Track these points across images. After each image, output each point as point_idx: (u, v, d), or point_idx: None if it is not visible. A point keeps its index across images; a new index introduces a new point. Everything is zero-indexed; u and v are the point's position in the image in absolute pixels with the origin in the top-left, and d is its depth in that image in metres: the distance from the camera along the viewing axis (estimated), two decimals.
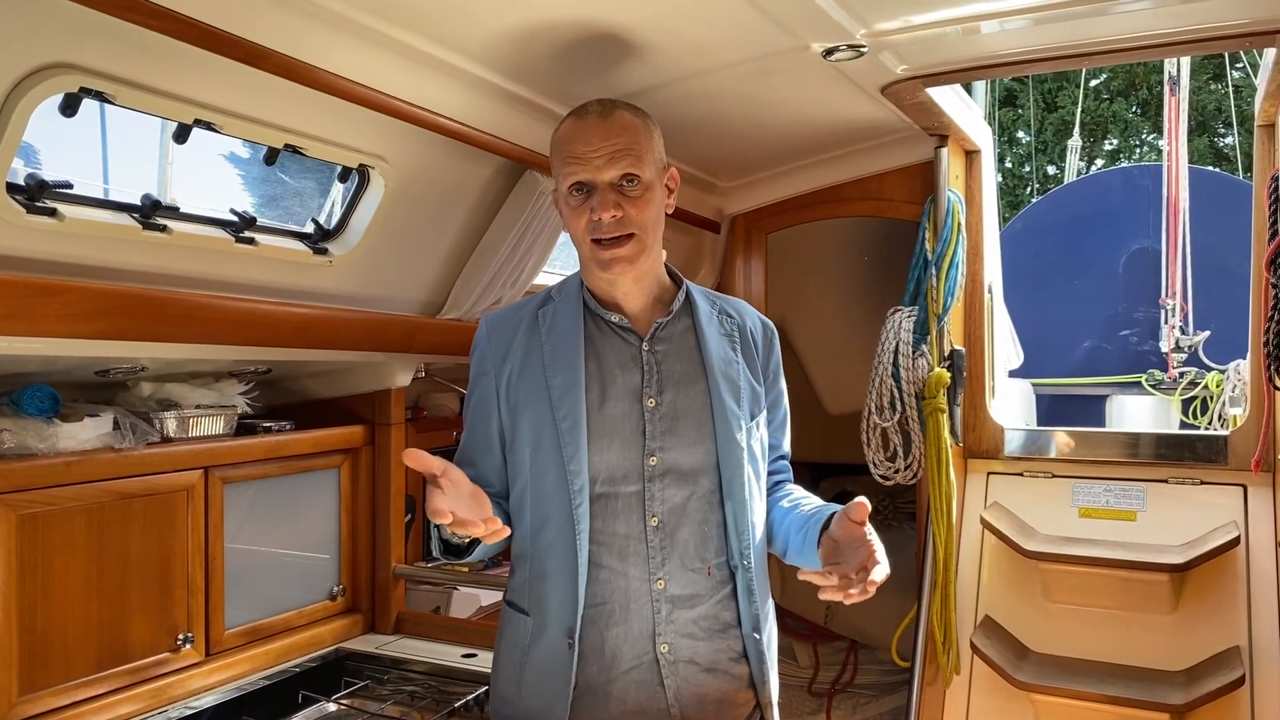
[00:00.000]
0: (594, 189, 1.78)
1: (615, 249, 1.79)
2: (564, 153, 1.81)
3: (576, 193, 1.80)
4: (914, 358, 3.27)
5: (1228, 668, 2.90)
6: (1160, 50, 2.48)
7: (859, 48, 2.36)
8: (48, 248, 1.77)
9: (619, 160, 1.77)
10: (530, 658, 1.82)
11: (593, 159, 1.77)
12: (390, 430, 2.84)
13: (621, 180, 1.78)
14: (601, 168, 1.77)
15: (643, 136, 1.82)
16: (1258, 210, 3.10)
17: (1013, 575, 3.35)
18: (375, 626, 2.85)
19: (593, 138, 1.78)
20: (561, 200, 1.85)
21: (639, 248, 1.81)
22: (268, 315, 2.22)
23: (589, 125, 1.80)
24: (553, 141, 1.87)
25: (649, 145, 1.83)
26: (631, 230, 1.79)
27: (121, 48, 1.65)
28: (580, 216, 1.80)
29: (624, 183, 1.78)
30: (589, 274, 1.90)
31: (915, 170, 3.47)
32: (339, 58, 1.94)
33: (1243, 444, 3.23)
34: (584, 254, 1.86)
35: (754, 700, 1.88)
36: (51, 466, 2.01)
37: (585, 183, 1.79)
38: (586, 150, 1.78)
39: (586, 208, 1.79)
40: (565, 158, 1.81)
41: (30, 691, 1.98)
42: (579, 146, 1.79)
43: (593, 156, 1.77)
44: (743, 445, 1.84)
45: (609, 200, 1.77)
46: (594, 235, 1.79)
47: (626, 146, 1.78)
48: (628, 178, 1.78)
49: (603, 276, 1.85)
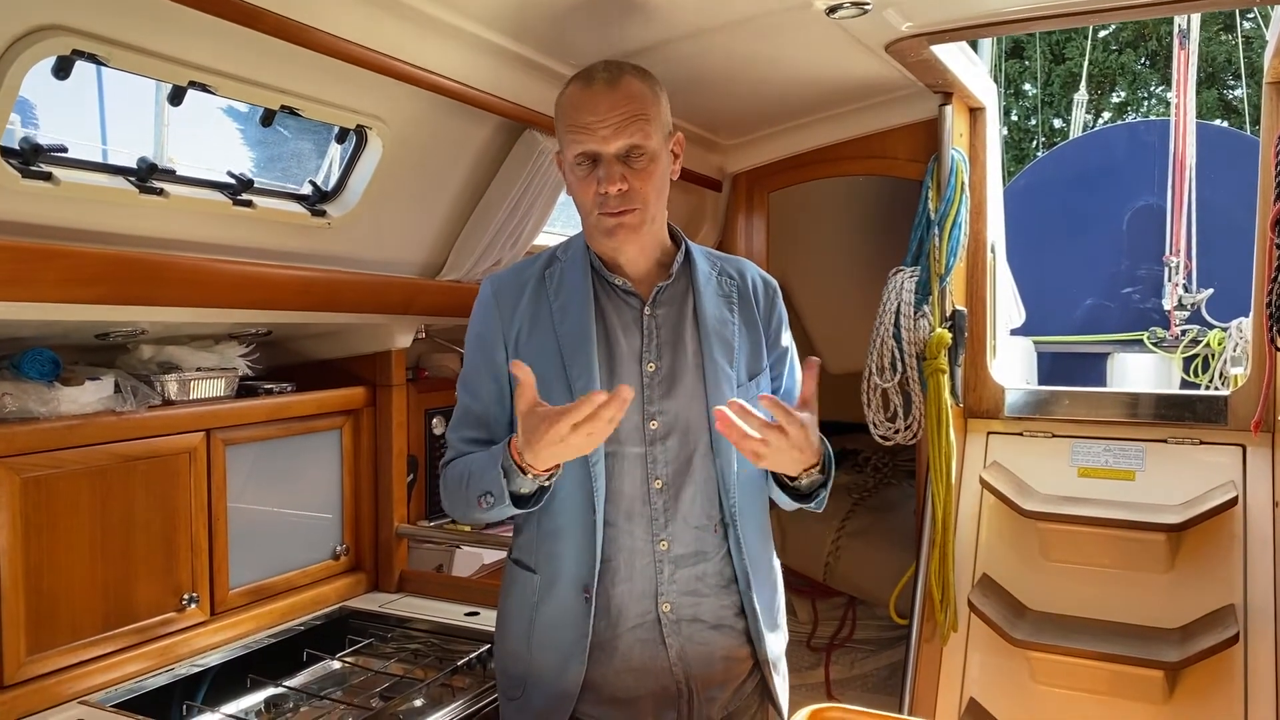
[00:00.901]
0: (600, 159, 1.77)
1: (620, 217, 1.78)
2: (570, 120, 1.79)
3: (581, 163, 1.79)
4: (915, 318, 3.26)
5: (1222, 626, 2.93)
6: (1170, 7, 2.44)
7: (863, 5, 2.32)
8: (44, 211, 1.75)
9: (625, 130, 1.75)
10: (540, 614, 1.85)
11: (599, 129, 1.75)
12: (391, 391, 2.85)
13: (628, 151, 1.77)
14: (608, 138, 1.75)
15: (650, 104, 1.79)
16: (1264, 169, 3.07)
17: (1011, 534, 3.37)
18: (378, 585, 2.88)
19: (599, 106, 1.76)
20: (567, 166, 1.84)
21: (643, 217, 1.81)
22: (266, 278, 2.21)
23: (596, 93, 1.77)
24: (558, 105, 1.84)
25: (656, 113, 1.80)
26: (636, 204, 1.78)
27: (114, 8, 1.62)
28: (587, 187, 1.79)
29: (630, 154, 1.77)
30: (593, 240, 1.89)
31: (919, 128, 3.43)
32: (335, 17, 1.90)
33: (1243, 405, 3.23)
34: (589, 224, 1.85)
35: (752, 656, 1.91)
36: (54, 430, 2.01)
37: (591, 153, 1.77)
38: (593, 120, 1.75)
39: (593, 179, 1.77)
40: (571, 125, 1.78)
41: (38, 651, 2.01)
42: (585, 115, 1.76)
43: (599, 126, 1.75)
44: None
45: (614, 173, 1.75)
46: (600, 208, 1.78)
47: (633, 115, 1.76)
48: (634, 149, 1.77)
49: (606, 243, 1.84)
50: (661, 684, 1.81)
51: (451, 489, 1.88)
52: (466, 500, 1.80)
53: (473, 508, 1.79)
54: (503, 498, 1.70)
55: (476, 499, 1.76)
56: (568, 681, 1.80)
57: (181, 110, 1.97)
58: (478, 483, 1.76)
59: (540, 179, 2.74)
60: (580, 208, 1.85)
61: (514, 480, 1.69)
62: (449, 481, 1.89)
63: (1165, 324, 6.22)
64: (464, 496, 1.81)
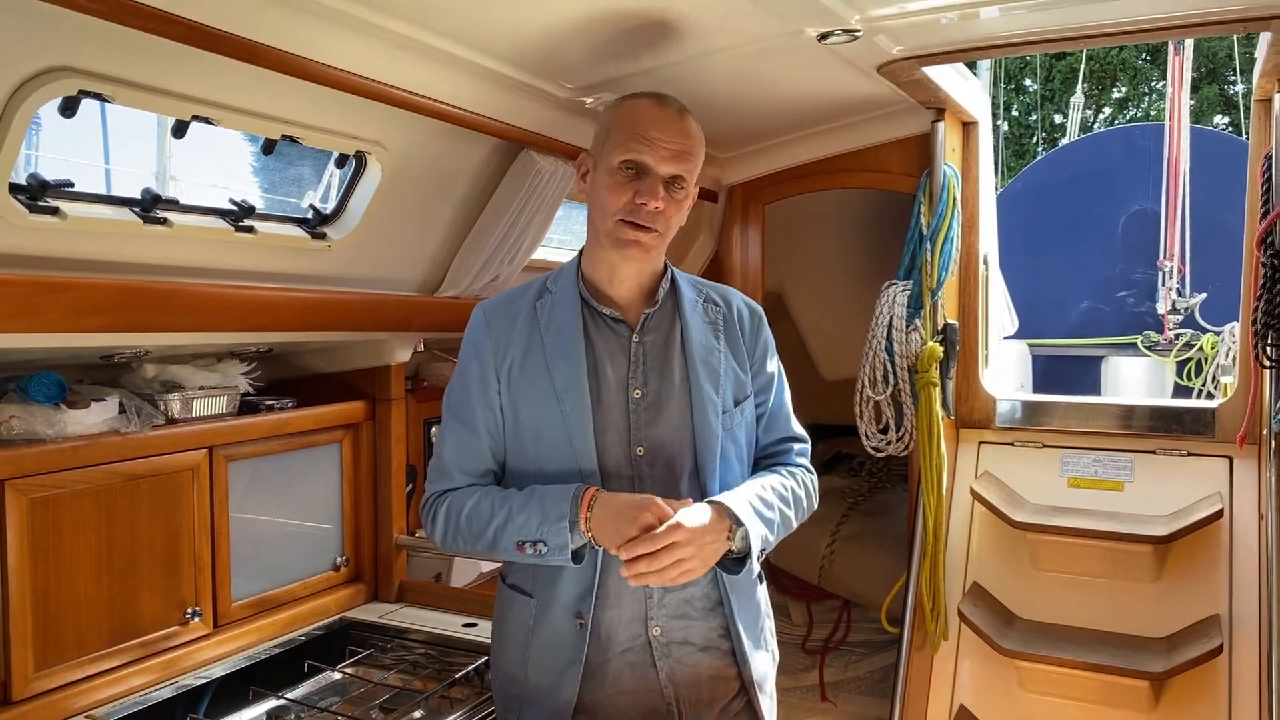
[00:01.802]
0: (647, 174, 1.82)
1: (639, 233, 1.83)
2: (632, 129, 1.83)
3: (626, 170, 1.82)
4: (907, 332, 3.31)
5: (1207, 636, 2.99)
6: (1156, 34, 2.48)
7: (853, 32, 2.36)
8: (52, 245, 1.80)
9: (680, 160, 1.83)
10: (535, 638, 1.89)
11: (662, 147, 1.81)
12: (391, 405, 2.89)
13: (672, 178, 1.83)
14: (664, 159, 1.81)
15: (701, 151, 1.90)
16: (1251, 186, 3.11)
17: (1001, 544, 3.43)
18: (378, 595, 2.93)
19: (669, 129, 1.83)
20: (604, 171, 1.86)
21: (659, 242, 1.87)
22: (268, 301, 2.26)
23: (668, 116, 1.85)
24: (618, 114, 1.88)
25: (700, 158, 1.90)
26: (659, 227, 1.84)
27: (119, 50, 1.66)
28: (622, 193, 1.82)
29: (673, 182, 1.84)
30: (593, 253, 1.92)
31: (912, 142, 3.48)
32: (333, 49, 1.95)
33: (1230, 417, 3.28)
34: (603, 228, 1.87)
35: (739, 677, 1.95)
36: (60, 451, 2.05)
37: (642, 165, 1.82)
38: (659, 137, 1.81)
39: (631, 188, 1.81)
40: (633, 134, 1.82)
41: (46, 667, 2.05)
42: (653, 130, 1.82)
43: (663, 145, 1.81)
44: (716, 432, 1.89)
45: (658, 192, 1.81)
46: (628, 216, 1.82)
47: (690, 152, 1.85)
48: (678, 179, 1.84)
49: (613, 254, 1.87)
50: (652, 705, 1.86)
51: (467, 525, 1.86)
52: (493, 543, 1.82)
53: (501, 550, 1.81)
54: (561, 551, 1.75)
55: (517, 544, 1.78)
56: (561, 703, 1.85)
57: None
58: (523, 529, 1.77)
59: (537, 197, 2.78)
60: (601, 211, 1.87)
61: (575, 534, 1.74)
62: (460, 516, 1.87)
63: (1159, 328, 6.27)
64: (489, 538, 1.82)
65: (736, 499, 1.82)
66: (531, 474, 1.88)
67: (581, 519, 1.73)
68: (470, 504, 1.86)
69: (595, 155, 1.90)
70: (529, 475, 1.88)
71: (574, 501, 1.74)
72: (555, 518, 1.74)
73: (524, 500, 1.80)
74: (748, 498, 1.84)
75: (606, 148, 1.86)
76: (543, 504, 1.77)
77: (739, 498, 1.83)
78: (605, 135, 1.88)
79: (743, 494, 1.84)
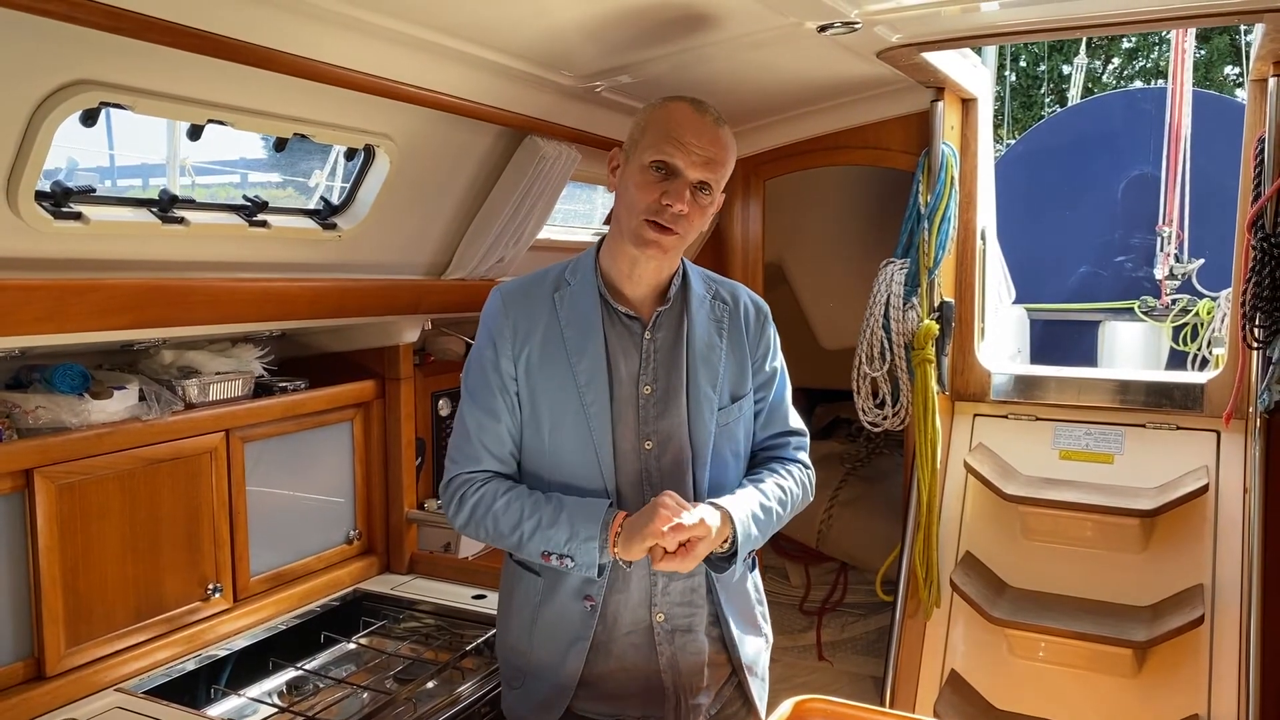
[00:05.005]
0: (676, 176, 1.86)
1: (661, 234, 1.87)
2: (668, 130, 1.86)
3: (657, 169, 1.86)
4: (904, 310, 3.37)
5: (1190, 606, 3.09)
6: (1155, 24, 2.52)
7: (852, 24, 2.39)
8: (75, 248, 1.86)
9: (710, 167, 1.88)
10: (542, 614, 1.98)
11: (696, 152, 1.85)
12: (400, 384, 2.97)
13: (700, 183, 1.88)
14: (696, 164, 1.86)
15: (731, 161, 1.94)
16: (1244, 168, 3.15)
17: (994, 514, 3.52)
18: (390, 567, 3.03)
19: (703, 135, 1.87)
20: (634, 168, 1.89)
21: (679, 244, 1.91)
22: (282, 291, 2.33)
23: (706, 124, 1.88)
24: (656, 115, 1.91)
25: (729, 168, 1.94)
26: (681, 229, 1.88)
27: (138, 61, 1.71)
28: (650, 192, 1.86)
29: (700, 187, 1.88)
30: (613, 247, 1.97)
31: (912, 120, 3.50)
32: (340, 50, 1.99)
33: (1218, 393, 3.35)
34: (627, 224, 1.91)
35: (729, 663, 2.06)
36: (85, 439, 2.14)
37: (672, 166, 1.85)
38: (694, 142, 1.86)
39: (659, 189, 1.85)
40: (668, 135, 1.86)
41: (76, 644, 2.16)
42: (688, 135, 1.86)
43: (696, 150, 1.85)
44: (710, 428, 1.96)
45: (685, 195, 1.85)
46: (653, 216, 1.86)
47: (721, 160, 1.90)
48: (705, 185, 1.88)
49: (632, 251, 1.92)
50: (652, 685, 1.96)
51: (494, 523, 1.91)
52: (518, 544, 1.89)
53: (525, 552, 1.90)
54: (589, 569, 1.84)
55: (543, 553, 1.86)
56: (565, 676, 1.95)
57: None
58: (550, 542, 1.84)
59: (542, 181, 2.83)
60: (628, 208, 1.90)
61: (602, 555, 1.82)
62: (486, 515, 1.92)
63: (1156, 293, 6.31)
64: (513, 539, 1.89)
65: (739, 508, 1.90)
66: (546, 462, 1.95)
67: (610, 542, 1.81)
68: (500, 504, 1.90)
69: (628, 151, 1.93)
70: (544, 463, 1.95)
71: (604, 527, 1.82)
72: (584, 538, 1.82)
73: (554, 513, 1.86)
74: (751, 507, 1.92)
75: (640, 146, 1.89)
76: (572, 521, 1.84)
77: (742, 507, 1.91)
78: (640, 134, 1.91)
79: (746, 503, 1.93)
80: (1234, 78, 17.13)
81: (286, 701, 2.43)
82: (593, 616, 1.93)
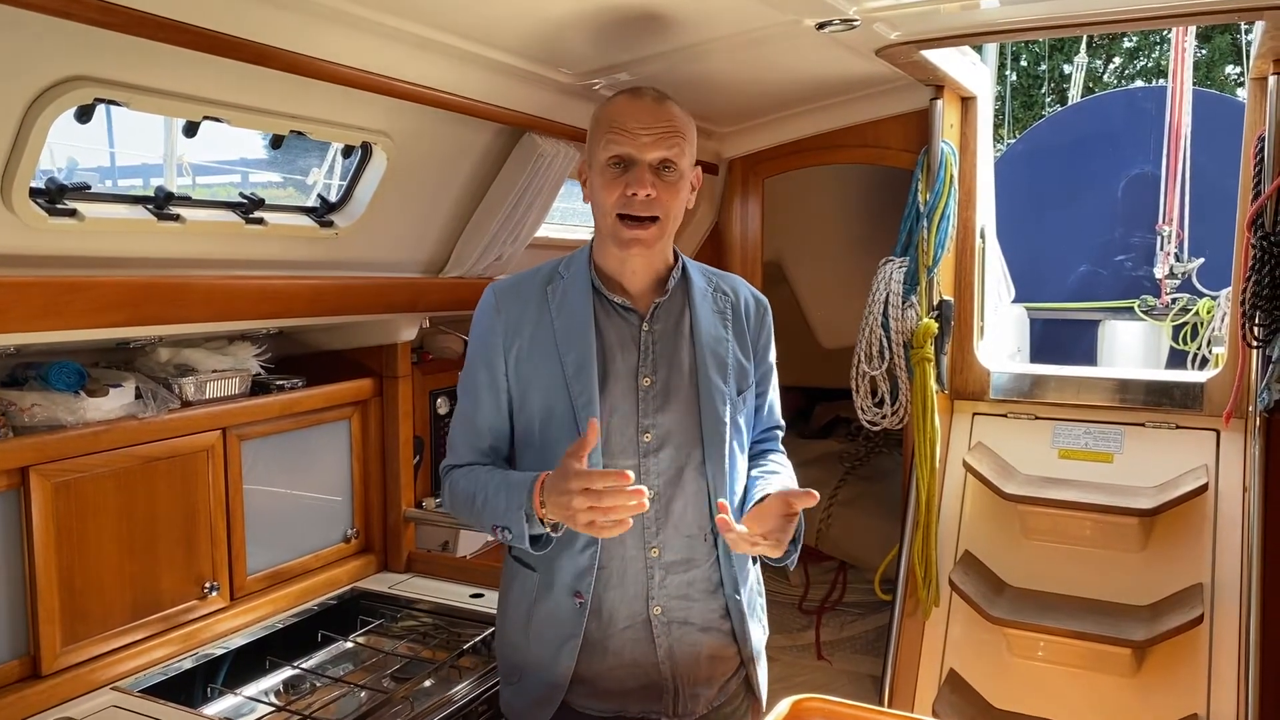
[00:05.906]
0: (633, 164, 1.85)
1: (638, 230, 1.87)
2: (611, 125, 1.87)
3: (614, 166, 1.87)
4: (903, 309, 3.36)
5: (1189, 605, 3.08)
6: (1154, 21, 2.50)
7: (850, 21, 2.38)
8: (70, 245, 1.86)
9: (664, 143, 1.86)
10: (537, 611, 1.98)
11: (641, 135, 1.85)
12: (397, 382, 2.96)
13: (660, 164, 1.86)
14: (647, 146, 1.85)
15: (687, 129, 1.91)
16: (1244, 167, 3.14)
17: (993, 513, 3.51)
18: (388, 566, 3.03)
19: (645, 116, 1.86)
20: (596, 172, 1.91)
21: (660, 233, 1.90)
22: (280, 289, 2.32)
23: (644, 105, 1.88)
24: (598, 115, 1.92)
25: (690, 139, 1.92)
26: (657, 214, 1.87)
27: (133, 58, 1.71)
28: (613, 189, 1.86)
29: (662, 167, 1.86)
30: (602, 248, 1.97)
31: (911, 118, 3.49)
32: (337, 47, 1.99)
33: (1218, 392, 3.34)
34: (605, 228, 1.92)
35: (738, 655, 2.06)
36: (81, 437, 2.13)
37: (626, 157, 1.86)
38: (637, 126, 1.85)
39: (622, 182, 1.86)
40: (613, 129, 1.86)
41: (73, 641, 2.15)
42: (630, 121, 1.85)
43: (642, 133, 1.85)
44: (725, 420, 1.96)
45: (646, 179, 1.84)
46: (623, 210, 1.86)
47: (673, 131, 1.87)
48: (666, 163, 1.87)
49: (616, 254, 1.93)
50: (650, 679, 1.96)
51: (460, 502, 1.99)
52: (479, 520, 1.94)
53: (484, 528, 1.93)
54: (521, 539, 1.83)
55: (491, 527, 1.89)
56: (558, 674, 1.95)
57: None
58: (494, 513, 1.87)
59: (540, 178, 2.83)
60: (600, 212, 1.92)
61: (532, 523, 1.81)
62: (457, 493, 2.00)
63: (1156, 292, 6.31)
64: (475, 515, 1.95)
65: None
66: (538, 453, 1.95)
67: (535, 506, 1.78)
68: (463, 484, 1.97)
69: (589, 163, 1.95)
70: (536, 455, 1.96)
71: (529, 491, 1.80)
72: (515, 506, 1.82)
73: (497, 486, 1.88)
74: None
75: (595, 151, 1.91)
76: (508, 491, 1.85)
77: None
78: (592, 140, 1.93)
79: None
80: (1235, 77, 17.13)
81: (283, 700, 2.42)
82: (582, 614, 1.92)
